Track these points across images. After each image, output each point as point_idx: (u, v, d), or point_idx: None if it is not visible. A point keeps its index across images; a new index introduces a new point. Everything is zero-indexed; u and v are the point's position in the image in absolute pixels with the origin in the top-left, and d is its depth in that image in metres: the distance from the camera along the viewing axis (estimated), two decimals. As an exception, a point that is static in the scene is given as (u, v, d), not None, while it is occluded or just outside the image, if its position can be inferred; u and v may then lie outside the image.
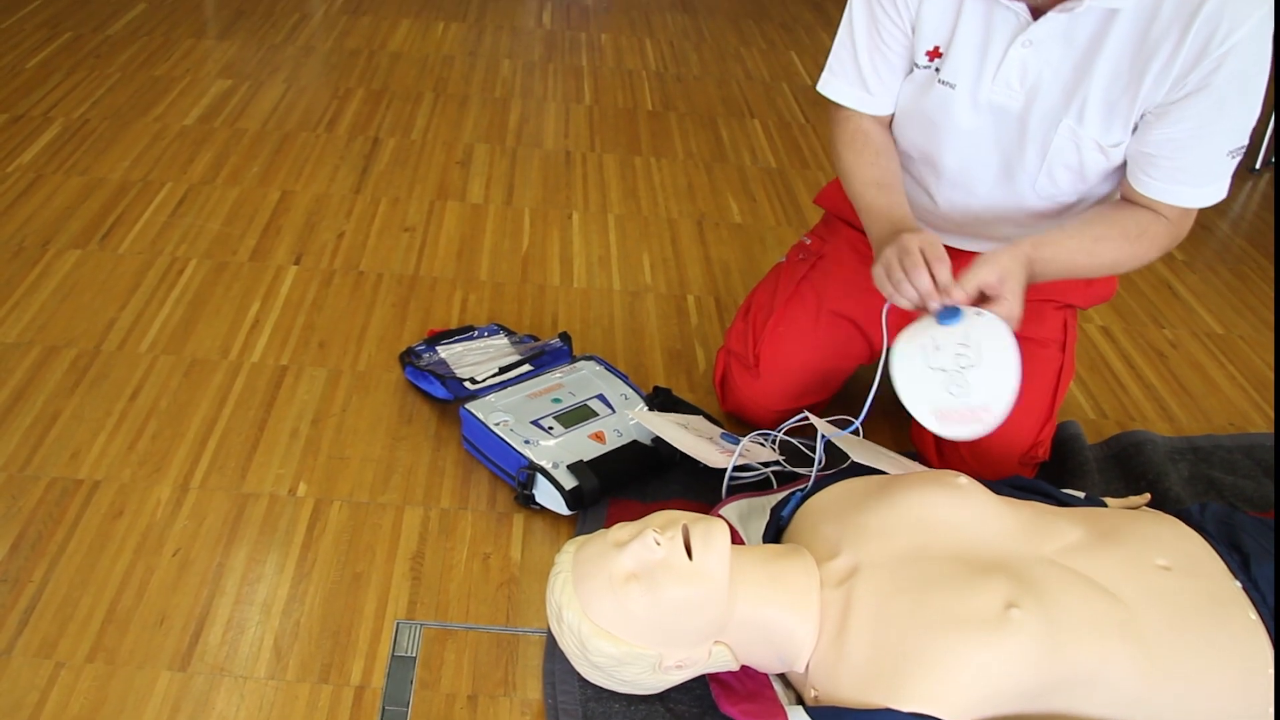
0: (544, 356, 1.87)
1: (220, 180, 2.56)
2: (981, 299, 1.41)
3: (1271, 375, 2.28)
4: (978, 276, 1.39)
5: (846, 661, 1.24)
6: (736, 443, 1.70)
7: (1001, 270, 1.40)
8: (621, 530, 1.27)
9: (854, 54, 1.62)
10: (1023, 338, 1.72)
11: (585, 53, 3.63)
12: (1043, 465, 1.86)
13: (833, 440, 1.57)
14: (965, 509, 1.35)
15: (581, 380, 1.80)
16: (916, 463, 1.69)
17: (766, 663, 1.32)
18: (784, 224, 2.61)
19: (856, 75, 1.63)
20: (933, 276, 1.38)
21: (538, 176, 2.73)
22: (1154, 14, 1.38)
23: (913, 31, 1.56)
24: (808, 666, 1.29)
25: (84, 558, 1.52)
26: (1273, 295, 2.59)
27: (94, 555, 1.52)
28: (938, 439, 1.80)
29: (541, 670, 1.41)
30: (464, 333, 1.97)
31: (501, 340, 1.95)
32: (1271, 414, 2.15)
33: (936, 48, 1.55)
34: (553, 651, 1.41)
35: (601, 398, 1.76)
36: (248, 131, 2.81)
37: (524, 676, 1.40)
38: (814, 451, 1.69)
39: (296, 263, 2.25)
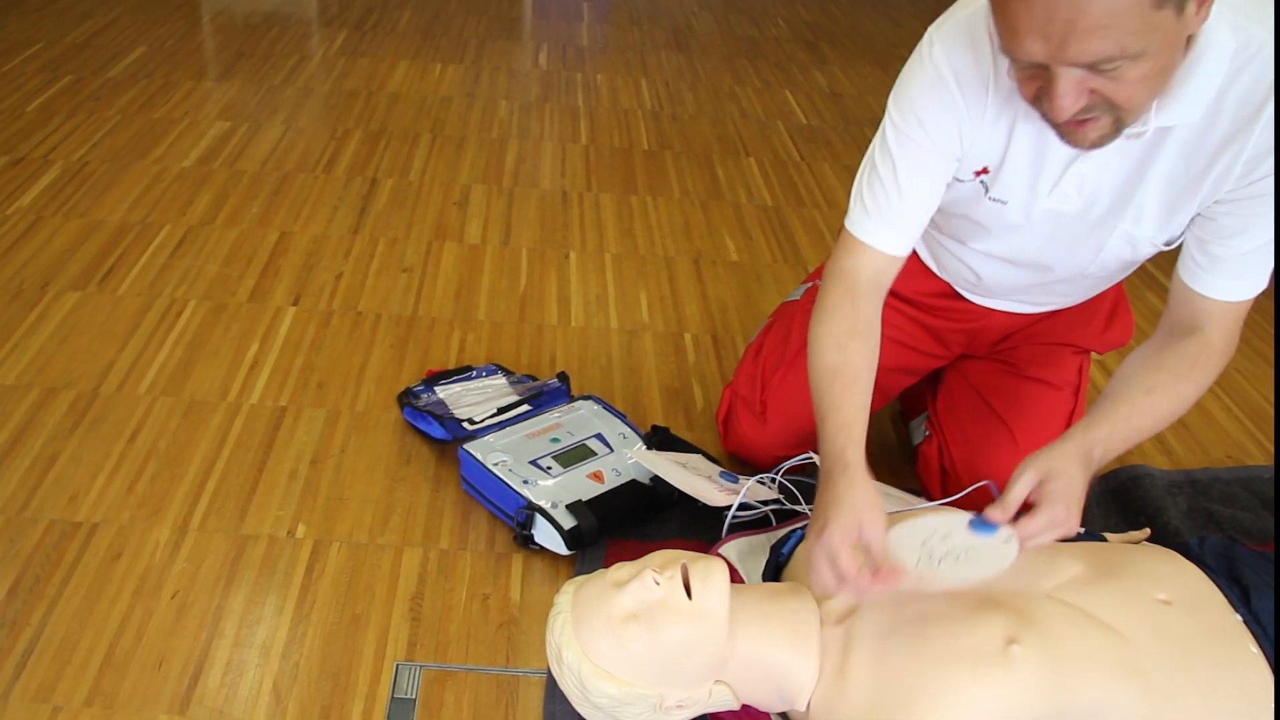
0: (542, 396, 1.87)
1: (219, 221, 2.57)
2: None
3: (1268, 408, 2.29)
4: (1015, 491, 1.28)
5: (848, 699, 1.24)
6: (735, 481, 1.70)
7: (1040, 472, 1.29)
8: (620, 570, 1.27)
9: (891, 191, 1.42)
10: (1037, 379, 1.73)
11: (581, 93, 3.66)
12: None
13: None
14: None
15: (580, 420, 1.80)
16: (920, 499, 1.69)
17: (768, 701, 1.32)
18: (780, 261, 2.62)
19: (891, 214, 1.43)
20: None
21: (535, 216, 2.75)
22: (1213, 122, 1.27)
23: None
24: (809, 705, 1.28)
25: (82, 600, 1.51)
26: (1271, 329, 2.59)
27: (92, 598, 1.52)
28: (943, 477, 1.80)
29: (542, 711, 1.40)
30: (462, 373, 1.97)
31: (499, 380, 1.95)
32: (1270, 446, 2.16)
33: (985, 168, 1.42)
34: (553, 692, 1.40)
35: (600, 437, 1.76)
36: (246, 173, 2.83)
37: (524, 718, 1.40)
38: (812, 491, 1.69)
39: (295, 303, 2.26)
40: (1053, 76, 1.11)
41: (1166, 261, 1.49)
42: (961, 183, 1.44)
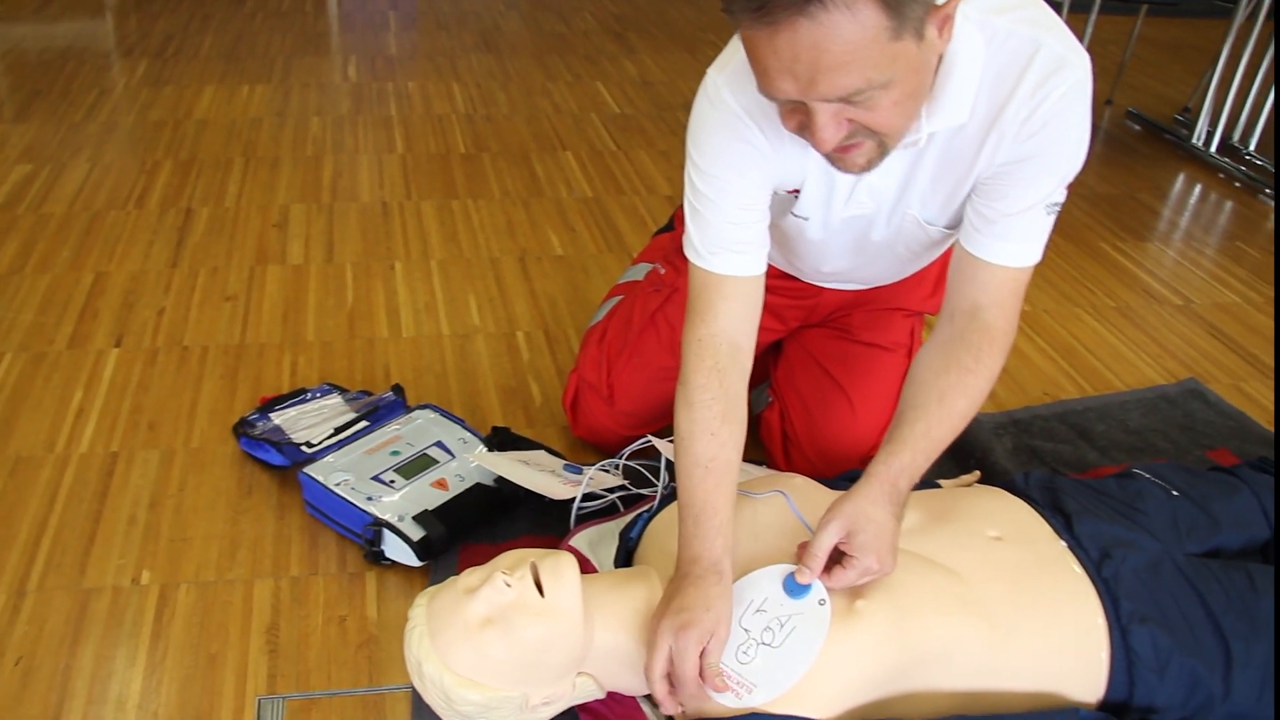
0: (379, 411, 1.87)
1: (29, 269, 2.48)
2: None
3: (1077, 344, 2.41)
4: (820, 543, 1.27)
5: (707, 672, 1.27)
6: (579, 473, 1.73)
7: (846, 522, 1.28)
8: (471, 576, 1.27)
9: (720, 224, 1.40)
10: (870, 344, 1.79)
11: (394, 102, 3.63)
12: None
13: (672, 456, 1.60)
14: (802, 509, 1.39)
15: (418, 430, 1.80)
16: (760, 468, 1.74)
17: (632, 686, 1.34)
18: (605, 251, 2.66)
19: (726, 240, 1.40)
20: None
21: (356, 231, 2.72)
22: (973, 112, 1.31)
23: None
24: (672, 684, 1.31)
25: (-81, 679, 1.46)
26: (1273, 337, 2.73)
27: (-71, 675, 1.46)
28: (785, 443, 1.86)
29: (410, 726, 1.40)
30: (296, 396, 1.95)
31: (335, 400, 1.94)
32: (1080, 380, 2.28)
33: (796, 189, 1.45)
34: (419, 706, 1.40)
35: (440, 445, 1.77)
36: (54, 215, 2.73)
37: (393, 735, 1.40)
38: (656, 473, 1.72)
39: (117, 345, 2.19)
40: (810, 111, 1.14)
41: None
42: (777, 195, 1.45)
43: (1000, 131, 1.31)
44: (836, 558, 1.28)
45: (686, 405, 1.37)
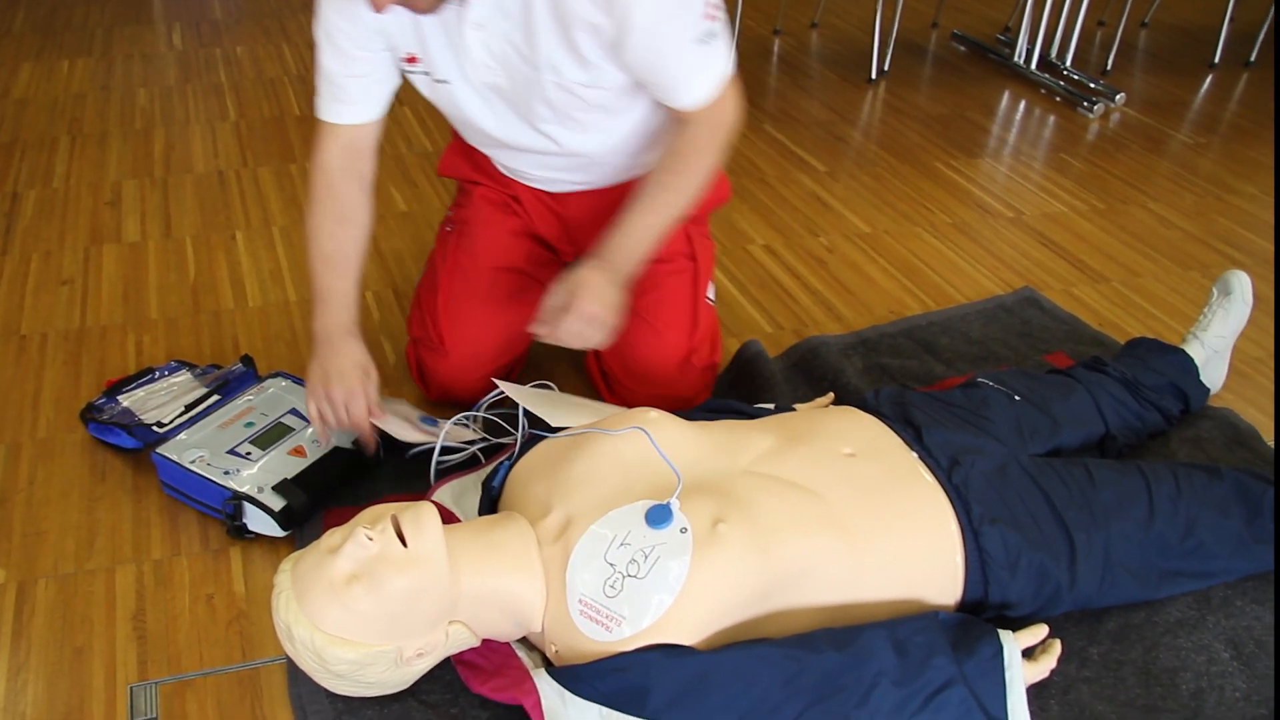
0: (230, 384, 1.83)
1: None
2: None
3: (917, 262, 2.49)
4: (548, 305, 1.58)
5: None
6: (436, 425, 1.73)
7: (571, 285, 1.57)
8: (333, 535, 1.27)
9: (330, 74, 1.66)
10: (653, 261, 1.83)
11: (223, 68, 3.52)
12: (733, 386, 1.98)
13: (525, 402, 1.61)
14: (660, 442, 1.41)
15: (271, 399, 1.78)
16: (611, 405, 1.76)
17: (505, 631, 1.35)
18: (449, 205, 2.63)
19: (341, 93, 1.67)
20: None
21: (194, 203, 2.65)
22: None
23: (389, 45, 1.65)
24: (544, 625, 1.32)
25: None
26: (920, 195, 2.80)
27: None
28: (605, 380, 1.90)
29: (289, 697, 1.40)
30: (144, 376, 1.90)
31: (184, 376, 1.90)
32: (923, 297, 2.35)
33: (413, 55, 1.64)
34: (295, 675, 1.40)
35: (295, 412, 1.75)
36: None
37: (272, 708, 1.39)
38: (515, 422, 1.73)
39: (-52, 341, 2.11)
40: None
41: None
42: (413, 75, 1.68)
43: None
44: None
45: (309, 215, 1.70)
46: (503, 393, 1.69)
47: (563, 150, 1.73)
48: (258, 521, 1.59)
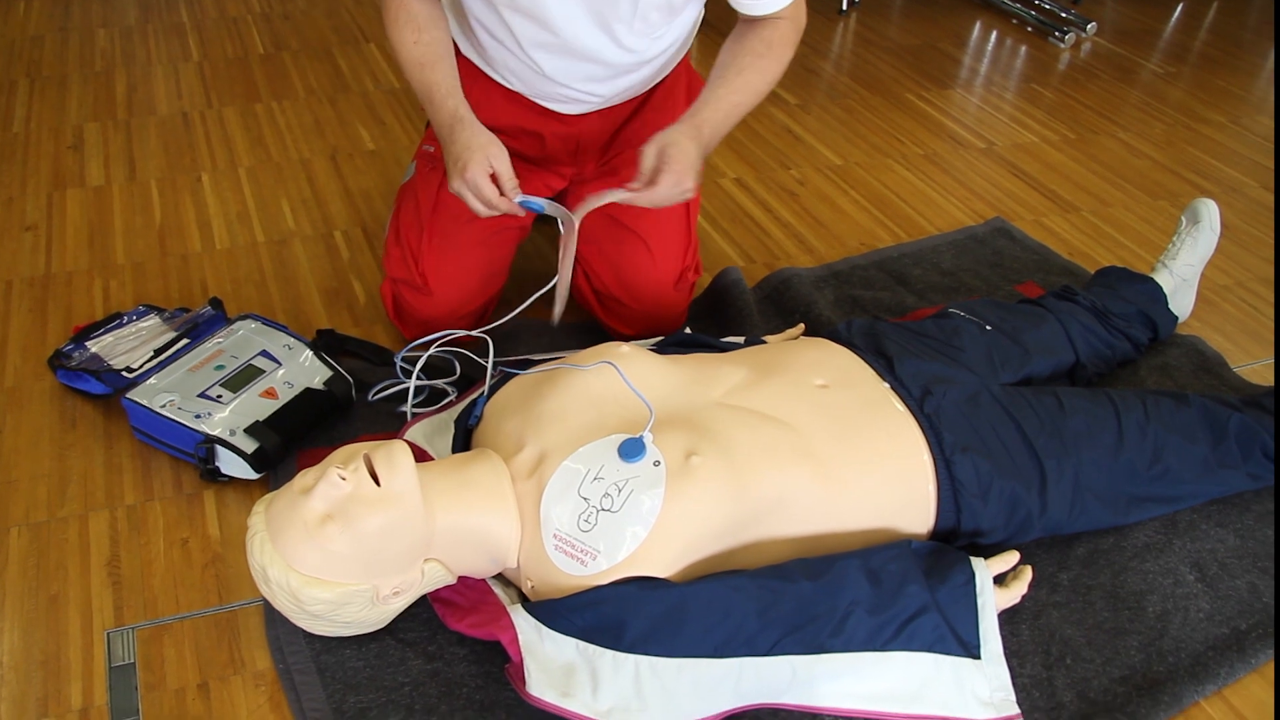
0: (199, 327, 1.82)
1: None
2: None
3: (889, 194, 2.48)
4: (645, 163, 1.58)
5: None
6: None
7: (660, 146, 1.58)
8: (306, 476, 1.27)
9: None
10: None
11: (184, 7, 3.45)
12: (709, 313, 1.98)
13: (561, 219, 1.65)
14: (631, 376, 1.41)
15: (241, 341, 1.76)
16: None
17: (480, 568, 1.36)
18: (418, 142, 2.59)
19: None
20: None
21: (158, 145, 2.61)
22: None
23: None
24: (519, 561, 1.33)
25: None
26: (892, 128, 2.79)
27: None
28: (598, 299, 1.91)
29: (266, 638, 1.40)
30: (112, 321, 1.88)
31: (152, 321, 1.88)
32: (895, 228, 2.35)
33: None
34: (272, 616, 1.40)
35: (265, 354, 1.73)
36: None
37: (250, 650, 1.39)
38: (485, 357, 1.73)
39: (-89, 289, 2.08)
40: None
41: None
42: None
43: None
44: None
45: (391, 35, 1.70)
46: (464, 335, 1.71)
47: (622, 47, 1.73)
48: (231, 464, 1.58)
